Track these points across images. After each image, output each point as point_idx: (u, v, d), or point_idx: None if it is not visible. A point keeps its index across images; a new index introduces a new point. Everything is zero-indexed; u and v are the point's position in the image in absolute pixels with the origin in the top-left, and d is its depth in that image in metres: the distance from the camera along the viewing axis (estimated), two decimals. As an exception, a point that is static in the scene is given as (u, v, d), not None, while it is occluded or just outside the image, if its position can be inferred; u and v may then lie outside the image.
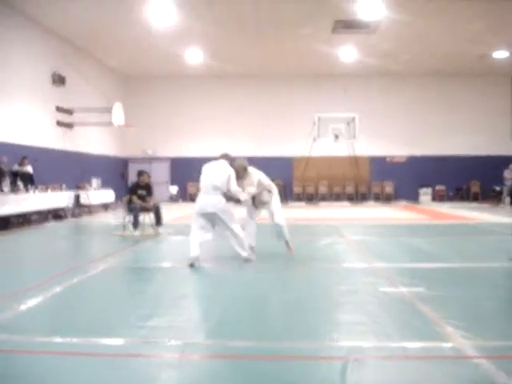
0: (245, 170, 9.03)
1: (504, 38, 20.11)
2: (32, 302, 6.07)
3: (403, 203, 25.67)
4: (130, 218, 12.79)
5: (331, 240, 10.49)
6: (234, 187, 8.53)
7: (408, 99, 26.87)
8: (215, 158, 8.93)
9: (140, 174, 13.23)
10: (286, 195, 26.49)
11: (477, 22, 18.11)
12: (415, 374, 4.00)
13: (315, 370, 4.11)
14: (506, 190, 23.95)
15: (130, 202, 12.87)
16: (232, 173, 8.63)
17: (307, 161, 25.64)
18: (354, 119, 22.37)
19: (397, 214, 19.85)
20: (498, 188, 25.19)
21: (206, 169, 8.80)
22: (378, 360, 4.31)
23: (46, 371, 4.09)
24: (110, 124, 20.95)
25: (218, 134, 27.03)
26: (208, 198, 8.51)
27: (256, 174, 9.21)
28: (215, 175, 8.57)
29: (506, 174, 23.75)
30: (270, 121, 26.87)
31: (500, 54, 22.35)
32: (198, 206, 8.58)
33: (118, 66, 24.90)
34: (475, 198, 26.78)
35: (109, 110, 20.70)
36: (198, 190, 8.96)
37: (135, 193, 12.90)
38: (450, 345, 4.58)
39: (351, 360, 4.18)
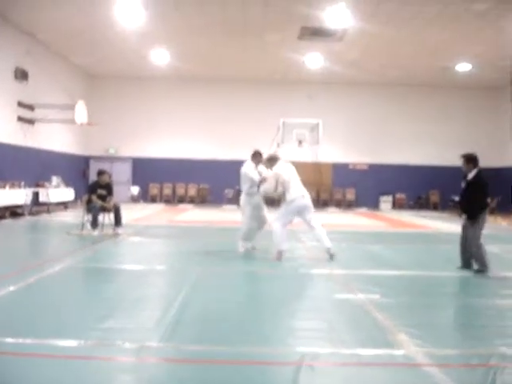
0: None
1: (467, 51, 20.51)
2: (-17, 301, 5.95)
3: (364, 210, 25.94)
4: (88, 218, 12.63)
5: (289, 245, 10.51)
6: None
7: (372, 108, 27.19)
8: (179, 160, 8.93)
9: (100, 173, 13.07)
10: (249, 199, 26.47)
11: (441, 34, 18.45)
12: (366, 381, 4.04)
13: (268, 375, 4.13)
14: (463, 200, 24.42)
15: (89, 201, 12.72)
16: None
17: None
18: (317, 125, 22.52)
19: (357, 220, 20.04)
20: (456, 198, 25.62)
21: (288, 170, 9.55)
22: (331, 366, 4.34)
23: (-4, 372, 4.01)
24: (72, 122, 20.65)
25: (182, 136, 26.94)
26: (305, 194, 9.43)
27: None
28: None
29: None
30: (235, 125, 26.88)
31: (462, 67, 22.80)
32: (302, 203, 9.37)
33: (84, 64, 24.60)
34: (434, 207, 27.23)
35: (72, 108, 20.40)
36: (159, 191, 8.98)
37: (95, 192, 12.75)
38: (402, 352, 4.64)
39: (304, 365, 4.20)
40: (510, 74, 23.84)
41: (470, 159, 8.87)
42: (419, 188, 27.35)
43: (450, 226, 18.21)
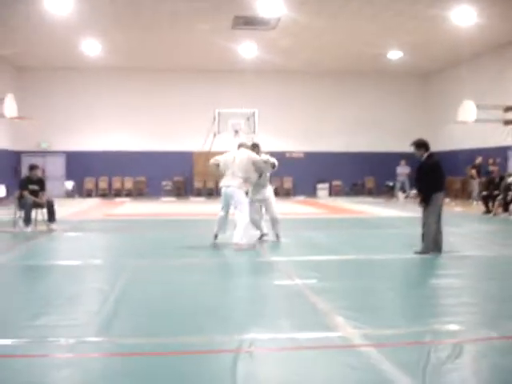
0: None
1: (397, 39, 20.91)
2: None
3: (302, 198, 26.19)
4: (21, 214, 12.26)
5: (230, 234, 10.49)
6: None
7: (306, 96, 27.38)
8: (114, 153, 8.79)
9: (32, 168, 12.71)
10: (187, 190, 26.37)
11: (371, 23, 18.73)
12: (304, 364, 4.07)
13: (206, 363, 4.11)
14: (398, 186, 25.07)
15: (21, 197, 12.34)
16: None
17: (207, 156, 25.62)
18: (253, 114, 22.55)
19: (295, 208, 20.21)
20: (390, 183, 26.30)
21: (227, 157, 9.79)
22: (269, 351, 4.37)
23: None
24: (1, 116, 19.96)
25: (117, 128, 26.44)
26: (231, 185, 9.62)
27: None
28: None
29: (399, 169, 24.88)
30: (170, 115, 26.60)
31: (394, 55, 23.25)
32: (224, 192, 9.65)
33: (11, 56, 23.75)
34: (370, 192, 27.75)
35: (0, 102, 19.71)
36: (94, 185, 8.81)
37: (27, 188, 12.37)
38: (339, 334, 4.71)
39: (242, 352, 4.20)
40: (440, 61, 24.55)
41: (420, 144, 8.99)
42: (355, 175, 27.80)
43: (386, 210, 18.66)
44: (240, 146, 10.07)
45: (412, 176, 20.70)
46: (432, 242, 8.73)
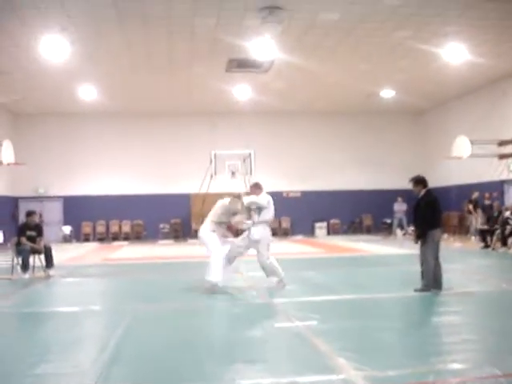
0: None
1: (389, 78, 21.20)
2: None
3: (300, 237, 26.14)
4: (18, 261, 12.20)
5: (228, 277, 10.42)
6: None
7: (301, 136, 27.59)
8: (112, 196, 8.83)
9: (29, 214, 12.71)
10: (185, 232, 26.30)
11: (363, 63, 19.02)
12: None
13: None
14: (395, 223, 25.08)
15: (18, 243, 12.30)
16: None
17: (205, 197, 25.71)
18: (249, 155, 22.67)
19: (294, 248, 20.17)
20: (388, 220, 26.33)
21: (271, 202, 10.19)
22: (272, 396, 4.31)
23: None
24: (-1, 162, 20.03)
25: (114, 171, 26.52)
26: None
27: None
28: None
29: (396, 206, 24.92)
30: (167, 158, 26.72)
31: (387, 93, 23.53)
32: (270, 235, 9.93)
33: (7, 103, 23.97)
34: (368, 230, 27.73)
35: (-3, 148, 19.80)
36: (92, 229, 8.83)
37: (24, 234, 12.35)
38: (341, 377, 4.66)
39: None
40: (432, 98, 24.83)
41: (419, 181, 9.07)
42: (352, 213, 27.80)
43: (384, 248, 18.63)
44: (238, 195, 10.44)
45: (409, 212, 20.75)
46: (432, 279, 8.70)
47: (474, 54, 17.50)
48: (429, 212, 8.78)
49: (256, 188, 10.49)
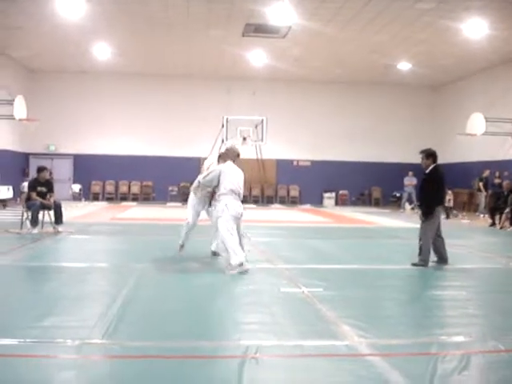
0: None
1: (407, 50, 20.94)
2: None
3: (308, 207, 26.16)
4: (28, 216, 12.28)
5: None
6: None
7: (315, 105, 27.41)
8: (122, 157, 8.78)
9: (40, 170, 12.73)
10: (193, 196, 26.29)
11: (382, 34, 18.76)
12: (310, 372, 4.06)
13: (211, 368, 4.11)
14: (405, 196, 25.00)
15: (28, 198, 12.37)
16: None
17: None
18: (261, 122, 22.58)
19: (302, 216, 20.20)
20: (397, 194, 26.23)
21: (232, 172, 8.34)
22: (275, 358, 4.35)
23: None
24: (11, 117, 20.04)
25: (125, 132, 26.51)
26: (240, 203, 8.29)
27: None
28: (241, 181, 8.42)
29: (406, 180, 24.79)
30: (179, 121, 26.66)
31: (403, 66, 23.25)
32: (235, 210, 8.14)
33: (22, 58, 23.88)
34: (376, 203, 27.73)
35: (10, 103, 19.80)
36: (101, 188, 8.77)
37: (35, 189, 12.39)
38: (345, 343, 4.69)
39: (248, 358, 4.19)
40: (449, 72, 24.52)
41: (429, 154, 8.91)
42: (362, 184, 27.78)
43: (392, 221, 18.61)
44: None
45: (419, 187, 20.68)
46: (429, 255, 8.71)
47: (495, 29, 17.20)
48: (434, 190, 8.74)
49: (225, 156, 8.77)
